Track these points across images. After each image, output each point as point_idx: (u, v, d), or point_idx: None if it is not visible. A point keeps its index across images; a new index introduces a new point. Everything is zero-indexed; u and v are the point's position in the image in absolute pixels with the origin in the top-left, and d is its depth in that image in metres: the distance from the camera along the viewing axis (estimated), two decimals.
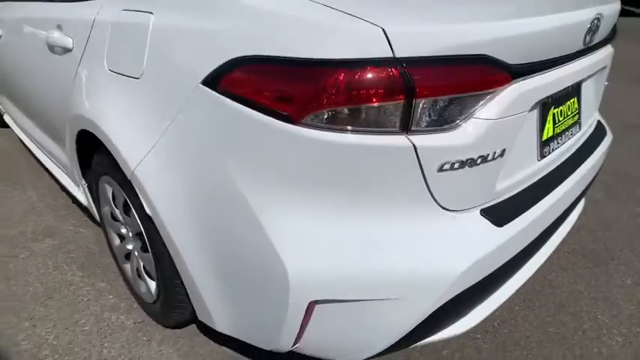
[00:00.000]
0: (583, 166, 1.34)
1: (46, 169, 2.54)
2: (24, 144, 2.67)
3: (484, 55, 0.88)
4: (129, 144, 1.16)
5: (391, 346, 1.05)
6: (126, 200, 1.39)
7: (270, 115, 0.88)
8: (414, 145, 0.87)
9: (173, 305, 1.37)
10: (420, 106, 0.85)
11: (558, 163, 1.27)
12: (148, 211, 1.16)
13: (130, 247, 1.58)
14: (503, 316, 1.63)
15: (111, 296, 1.74)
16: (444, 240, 0.96)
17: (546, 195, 1.16)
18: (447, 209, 0.96)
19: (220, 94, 0.94)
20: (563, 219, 1.41)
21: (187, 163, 1.04)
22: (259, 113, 0.89)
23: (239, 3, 0.95)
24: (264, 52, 0.88)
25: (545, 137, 1.17)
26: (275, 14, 0.88)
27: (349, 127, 0.86)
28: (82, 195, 1.93)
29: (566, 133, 1.28)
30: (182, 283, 1.27)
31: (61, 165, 2.05)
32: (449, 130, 0.90)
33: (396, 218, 0.93)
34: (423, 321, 0.99)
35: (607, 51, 1.40)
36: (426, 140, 0.88)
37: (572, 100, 1.27)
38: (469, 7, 0.94)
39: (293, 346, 1.08)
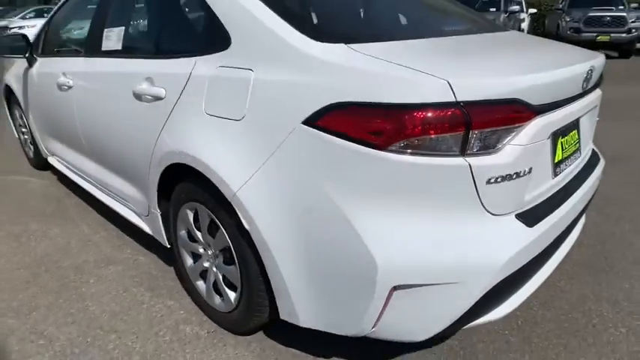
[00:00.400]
0: (585, 184, 1.67)
1: (97, 205, 2.79)
2: (75, 183, 2.92)
3: (516, 98, 1.22)
4: (230, 173, 1.45)
5: (447, 327, 1.32)
6: (212, 222, 1.66)
7: (361, 145, 1.19)
8: (469, 164, 1.19)
9: (254, 310, 1.62)
10: (474, 135, 1.18)
11: (567, 181, 1.60)
12: (246, 226, 1.44)
13: (206, 264, 1.83)
14: (524, 316, 1.90)
15: (182, 312, 1.96)
16: (491, 237, 1.26)
17: (561, 205, 1.48)
18: (492, 213, 1.27)
19: (319, 130, 1.25)
20: (572, 227, 1.72)
21: (287, 186, 1.34)
22: (353, 143, 1.20)
23: (331, 62, 1.28)
24: (356, 98, 1.20)
25: (556, 160, 1.50)
26: (365, 71, 1.21)
27: (423, 152, 1.17)
28: (145, 224, 2.19)
29: (571, 157, 1.62)
30: (266, 288, 1.53)
31: (124, 199, 2.31)
32: (493, 153, 1.22)
33: (456, 220, 1.23)
34: (476, 302, 1.27)
35: (597, 93, 1.77)
36: (478, 161, 1.19)
37: (573, 132, 1.62)
38: (504, 64, 1.29)
39: (371, 329, 1.34)
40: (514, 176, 1.27)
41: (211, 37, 1.61)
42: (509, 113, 1.22)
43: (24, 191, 3.35)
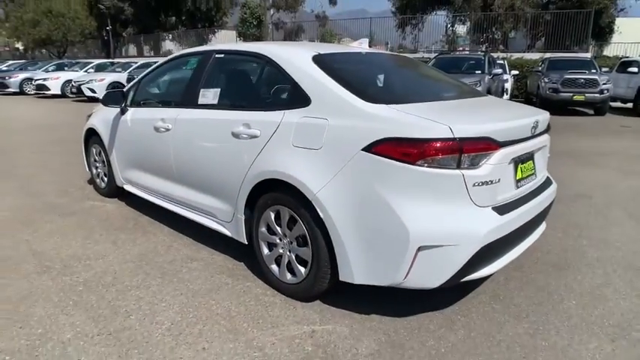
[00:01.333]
0: (539, 196, 2.52)
1: (167, 222, 3.57)
2: (145, 205, 3.71)
3: (488, 136, 2.10)
4: (311, 182, 2.28)
5: (451, 278, 2.11)
6: (290, 218, 2.47)
7: (398, 161, 2.04)
8: (462, 174, 2.04)
9: (319, 279, 2.39)
10: (464, 157, 2.04)
11: (526, 193, 2.45)
12: (322, 215, 2.25)
13: (281, 250, 2.61)
14: (504, 294, 2.67)
15: (258, 289, 2.72)
16: (476, 218, 2.09)
17: (521, 206, 2.32)
18: (477, 205, 2.10)
19: (372, 154, 2.10)
20: (534, 226, 2.55)
21: (350, 188, 2.17)
22: (393, 160, 2.05)
23: (378, 115, 2.16)
24: (394, 135, 2.06)
25: (518, 177, 2.36)
26: (399, 120, 2.10)
27: (435, 165, 2.02)
28: (225, 229, 2.99)
29: (528, 178, 2.47)
30: (330, 260, 2.31)
31: (207, 212, 3.11)
32: (476, 168, 2.07)
33: (455, 207, 2.06)
34: (468, 260, 2.08)
35: (545, 137, 2.67)
36: (467, 172, 2.05)
37: (529, 162, 2.49)
38: (480, 117, 2.18)
39: (403, 279, 2.12)
40: (489, 183, 2.12)
41: (296, 98, 2.50)
42: (484, 145, 2.09)
43: (104, 212, 4.12)
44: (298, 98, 2.50)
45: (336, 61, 2.70)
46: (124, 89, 3.95)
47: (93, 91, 15.13)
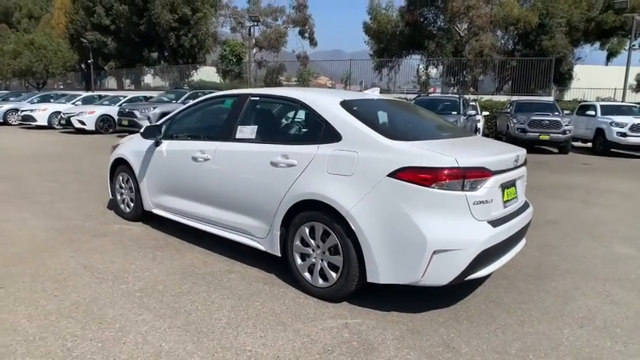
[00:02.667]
0: (521, 215, 3.18)
1: (195, 241, 4.04)
2: (171, 226, 4.18)
3: (483, 166, 2.75)
4: (345, 201, 2.86)
5: (458, 276, 2.69)
6: (324, 232, 3.02)
7: (417, 185, 2.66)
8: (465, 195, 2.67)
9: (350, 281, 2.93)
10: (466, 182, 2.68)
11: (511, 211, 3.10)
12: (354, 228, 2.82)
13: (313, 260, 3.14)
14: (494, 296, 3.26)
15: (292, 293, 3.22)
16: (476, 229, 2.71)
17: (508, 221, 2.96)
18: (476, 219, 2.73)
19: (396, 179, 2.72)
20: (517, 240, 3.19)
21: (377, 205, 2.76)
22: (412, 184, 2.67)
23: (399, 149, 2.79)
24: (413, 164, 2.69)
25: (505, 199, 3.01)
26: (417, 152, 2.73)
27: (445, 188, 2.65)
28: (259, 244, 3.50)
29: (512, 200, 3.13)
30: (359, 265, 2.86)
31: (242, 230, 3.62)
32: (475, 190, 2.71)
33: (460, 220, 2.68)
34: (471, 262, 2.67)
35: (524, 169, 3.35)
36: (469, 193, 2.68)
37: (512, 187, 3.15)
38: (477, 152, 2.85)
39: (420, 278, 2.69)
40: (485, 202, 2.75)
41: (329, 135, 3.12)
42: (480, 173, 2.74)
43: (134, 234, 4.54)
44: (330, 135, 3.11)
45: (358, 106, 3.34)
46: (158, 124, 4.48)
47: (83, 123, 15.43)
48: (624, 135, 12.77)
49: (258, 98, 3.82)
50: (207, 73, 36.74)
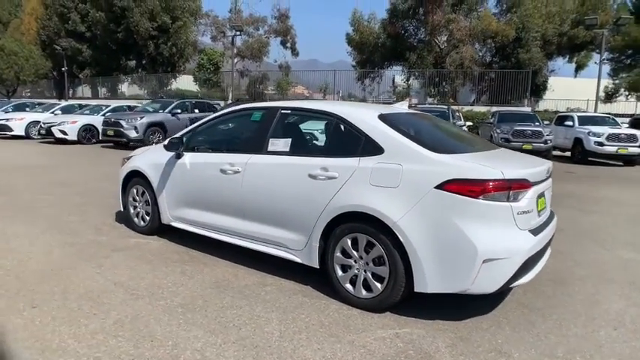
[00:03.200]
0: (550, 224, 3.32)
1: (218, 253, 4.03)
2: (189, 239, 4.15)
3: (525, 178, 2.88)
4: (392, 213, 2.93)
5: (504, 284, 2.79)
6: (368, 243, 3.08)
7: (464, 196, 2.76)
8: (511, 206, 2.78)
9: (396, 291, 2.99)
10: (511, 193, 2.79)
11: (543, 220, 3.23)
12: (401, 239, 2.89)
13: (356, 271, 3.19)
14: (527, 301, 3.38)
15: (334, 305, 3.25)
16: (521, 238, 2.83)
17: (543, 230, 3.10)
18: (520, 229, 2.84)
19: (443, 190, 2.81)
20: (546, 248, 3.32)
21: (425, 217, 2.84)
22: (460, 195, 2.77)
23: (444, 162, 2.89)
24: (459, 176, 2.79)
25: (539, 209, 3.14)
26: (461, 165, 2.84)
27: (492, 199, 2.76)
28: (295, 256, 3.52)
29: (543, 210, 3.27)
30: (406, 275, 2.93)
31: (276, 243, 3.63)
32: (518, 201, 2.83)
33: (507, 229, 2.79)
34: (517, 270, 2.78)
35: (550, 180, 3.51)
36: (513, 204, 2.80)
37: (543, 197, 3.30)
38: (516, 164, 2.98)
39: (470, 286, 2.78)
40: (526, 212, 2.88)
41: (369, 148, 3.19)
42: (523, 184, 2.86)
43: (154, 248, 4.48)
44: (371, 148, 3.19)
45: (395, 119, 3.43)
46: (179, 136, 4.45)
47: (64, 133, 15.01)
48: (601, 144, 13.37)
49: (289, 111, 3.87)
50: (186, 82, 36.39)
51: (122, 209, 5.20)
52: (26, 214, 5.68)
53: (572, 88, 25.60)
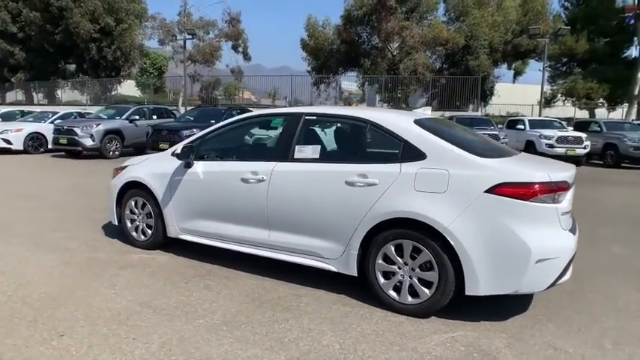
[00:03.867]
0: (575, 224, 3.51)
1: (233, 265, 3.88)
2: (198, 252, 3.98)
3: (566, 180, 3.02)
4: (442, 218, 2.96)
5: (553, 282, 2.91)
6: (414, 248, 3.09)
7: (514, 199, 2.85)
8: (556, 207, 2.91)
9: (445, 295, 3.01)
10: (556, 195, 2.92)
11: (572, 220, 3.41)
12: (453, 244, 2.92)
13: (400, 278, 3.18)
14: (557, 287, 3.54)
15: (379, 312, 3.22)
16: (566, 237, 2.96)
17: (576, 229, 3.26)
18: (563, 229, 2.98)
19: (494, 194, 2.88)
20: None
21: (476, 221, 2.90)
22: (512, 199, 2.86)
23: (491, 166, 2.97)
24: (511, 180, 2.88)
25: (568, 210, 3.31)
26: (507, 169, 2.94)
27: (541, 201, 2.87)
28: (329, 265, 3.46)
29: (570, 211, 3.45)
30: (456, 279, 2.97)
31: (308, 252, 3.55)
32: (560, 203, 2.96)
33: (554, 230, 2.91)
34: (564, 269, 2.91)
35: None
36: (557, 206, 2.93)
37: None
38: (554, 167, 3.12)
39: (521, 287, 2.86)
40: (567, 213, 3.02)
41: (410, 153, 3.20)
42: (565, 186, 3.00)
43: (162, 264, 4.21)
44: (412, 154, 3.21)
45: (430, 125, 3.48)
46: (190, 145, 4.22)
47: (8, 142, 13.79)
48: (552, 146, 14.36)
49: (315, 117, 3.80)
50: (132, 88, 34.72)
51: (116, 223, 4.85)
52: (1, 232, 5.14)
53: (514, 94, 27.33)
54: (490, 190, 2.91)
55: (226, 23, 30.81)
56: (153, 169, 4.49)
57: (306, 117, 3.78)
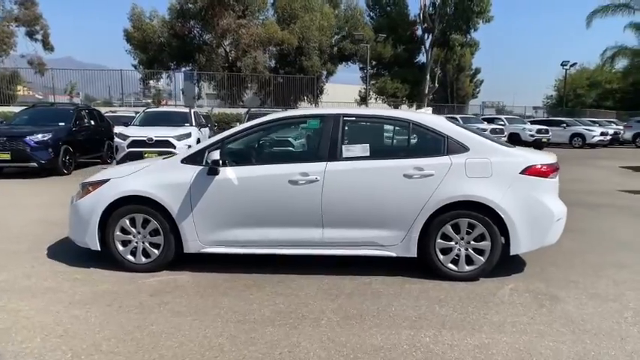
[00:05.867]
0: None
1: (274, 271, 3.96)
2: (214, 267, 3.93)
3: (557, 162, 4.15)
4: (493, 197, 3.71)
5: (559, 237, 4.00)
6: (469, 224, 3.77)
7: (541, 177, 3.83)
8: (556, 181, 4.00)
9: (495, 260, 3.80)
10: (555, 173, 4.01)
11: None
12: (503, 216, 3.71)
13: (457, 250, 3.82)
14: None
15: (444, 283, 3.79)
16: (560, 202, 4.09)
17: None
18: (557, 197, 4.10)
19: (526, 175, 3.80)
20: None
21: (515, 196, 3.75)
22: (538, 177, 3.82)
23: (521, 154, 3.88)
24: (536, 163, 3.84)
25: None
26: (532, 156, 3.90)
27: (552, 176, 3.90)
28: (389, 252, 3.88)
29: None
30: (504, 244, 3.79)
31: (364, 244, 3.86)
32: (556, 178, 4.07)
33: (556, 197, 3.99)
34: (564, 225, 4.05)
35: None
36: (556, 180, 4.03)
37: None
38: (548, 155, 4.21)
39: (547, 240, 3.87)
40: (557, 185, 4.16)
41: (455, 147, 3.86)
42: (558, 166, 4.09)
43: (194, 284, 3.82)
44: (456, 147, 3.87)
45: (455, 123, 4.18)
46: (216, 149, 3.91)
47: None
48: None
49: (354, 118, 4.09)
50: None
51: (97, 248, 4.08)
52: None
53: (336, 92, 30.53)
54: (523, 172, 3.81)
55: (17, 5, 25.47)
56: (159, 179, 3.99)
57: (344, 118, 4.03)
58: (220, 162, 3.83)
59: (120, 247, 4.07)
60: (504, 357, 2.67)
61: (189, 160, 4.06)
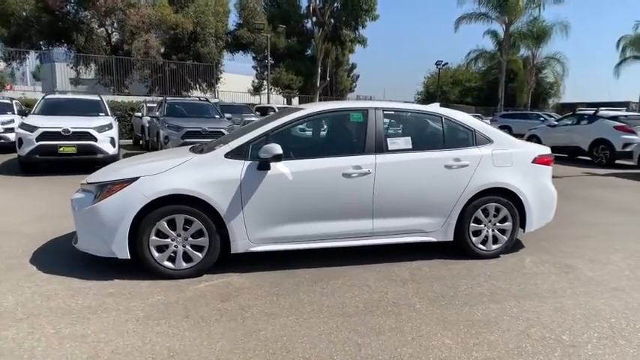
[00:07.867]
0: None
1: (318, 265, 4.05)
2: (265, 266, 3.94)
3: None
4: (515, 183, 4.28)
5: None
6: (496, 209, 4.29)
7: (546, 165, 4.54)
8: (551, 168, 4.77)
9: (515, 238, 4.39)
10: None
11: None
12: (522, 200, 4.31)
13: (486, 232, 4.31)
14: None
15: (478, 262, 4.24)
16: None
17: None
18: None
19: (536, 164, 4.46)
20: None
21: (530, 182, 4.39)
22: (544, 165, 4.52)
23: (527, 145, 4.52)
24: (543, 153, 4.52)
25: None
26: (538, 147, 4.56)
27: (551, 164, 4.64)
28: (431, 237, 4.22)
29: None
30: (520, 224, 4.40)
31: (408, 231, 4.13)
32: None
33: (551, 183, 4.76)
34: None
35: None
36: (551, 167, 4.80)
37: None
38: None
39: (548, 219, 4.60)
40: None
41: (481, 139, 4.32)
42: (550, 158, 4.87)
43: (256, 284, 3.63)
44: (482, 139, 4.34)
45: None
46: (261, 143, 3.74)
47: None
48: None
49: (392, 112, 4.28)
50: None
51: (127, 256, 3.60)
52: None
53: (231, 82, 29.66)
54: (534, 161, 4.45)
55: None
56: (204, 176, 3.67)
57: (385, 112, 4.20)
58: (282, 157, 3.69)
59: (155, 254, 3.64)
60: (583, 315, 3.20)
61: (233, 154, 3.80)
